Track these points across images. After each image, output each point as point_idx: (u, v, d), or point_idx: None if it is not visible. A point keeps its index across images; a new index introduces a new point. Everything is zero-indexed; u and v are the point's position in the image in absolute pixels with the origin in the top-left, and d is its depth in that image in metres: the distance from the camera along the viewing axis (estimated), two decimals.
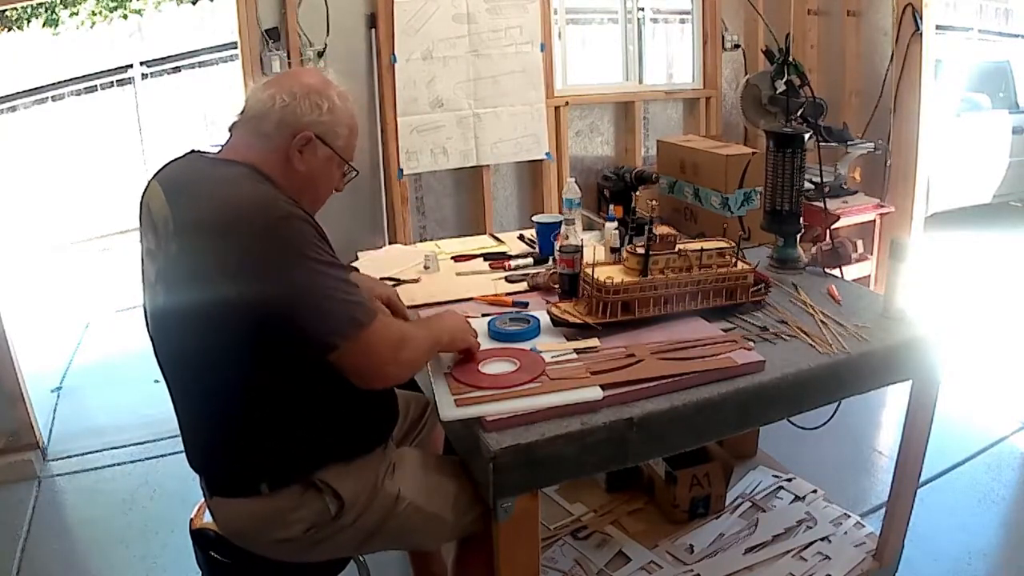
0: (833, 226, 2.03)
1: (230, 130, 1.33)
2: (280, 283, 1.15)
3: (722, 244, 1.69)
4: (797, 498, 2.16)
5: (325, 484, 1.29)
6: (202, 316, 1.17)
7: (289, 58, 3.04)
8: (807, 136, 1.89)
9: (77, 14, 8.27)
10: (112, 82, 7.09)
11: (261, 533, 1.30)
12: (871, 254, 3.59)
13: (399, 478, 1.37)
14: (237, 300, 1.14)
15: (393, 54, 3.18)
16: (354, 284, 1.22)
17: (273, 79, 1.33)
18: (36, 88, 6.93)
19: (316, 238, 1.19)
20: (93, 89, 7.06)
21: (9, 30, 7.93)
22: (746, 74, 3.86)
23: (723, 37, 3.97)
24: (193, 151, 1.35)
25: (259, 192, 1.19)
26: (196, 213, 1.19)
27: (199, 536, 1.43)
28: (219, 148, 1.33)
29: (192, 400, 1.31)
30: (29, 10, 7.88)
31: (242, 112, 1.31)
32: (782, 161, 1.89)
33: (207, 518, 1.43)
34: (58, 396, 3.35)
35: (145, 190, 1.29)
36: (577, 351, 1.47)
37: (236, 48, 3.20)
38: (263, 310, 1.15)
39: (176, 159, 1.32)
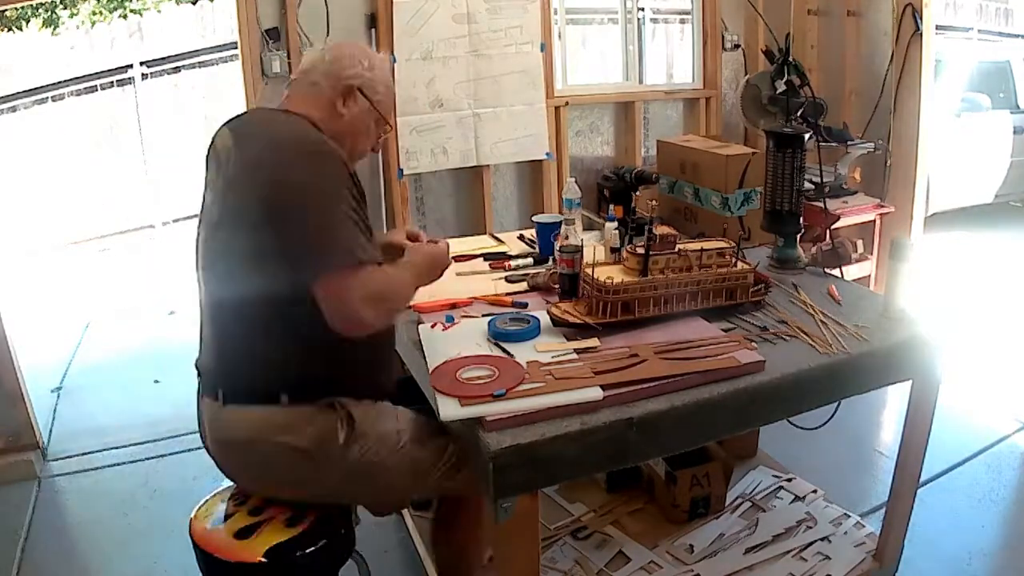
0: (833, 226, 2.03)
1: (287, 87, 1.52)
2: (296, 202, 1.28)
3: (722, 244, 1.69)
4: (797, 498, 2.16)
5: (343, 408, 1.38)
6: (247, 218, 1.31)
7: (289, 58, 3.04)
8: (807, 136, 1.89)
9: (77, 14, 8.26)
10: (112, 82, 7.08)
11: (268, 438, 1.35)
12: (871, 254, 3.59)
13: (402, 422, 1.46)
14: (274, 200, 1.28)
15: (393, 54, 3.18)
16: (363, 232, 1.31)
17: (325, 47, 1.55)
18: (36, 88, 6.92)
19: (347, 180, 1.32)
20: (93, 89, 7.04)
21: (9, 30, 7.93)
22: (746, 74, 3.86)
23: (723, 37, 3.97)
24: (258, 108, 1.60)
25: (310, 133, 1.38)
26: (253, 146, 1.37)
27: (199, 540, 1.42)
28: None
29: (228, 307, 1.40)
30: (29, 10, 7.87)
31: (297, 71, 1.51)
32: (782, 161, 1.89)
33: (207, 524, 1.43)
34: (58, 396, 3.35)
35: (215, 135, 1.46)
36: (577, 351, 1.47)
37: (236, 48, 3.20)
38: (277, 225, 1.27)
39: (243, 113, 1.54)
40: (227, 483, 1.52)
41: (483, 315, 1.67)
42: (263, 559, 1.35)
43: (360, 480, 1.42)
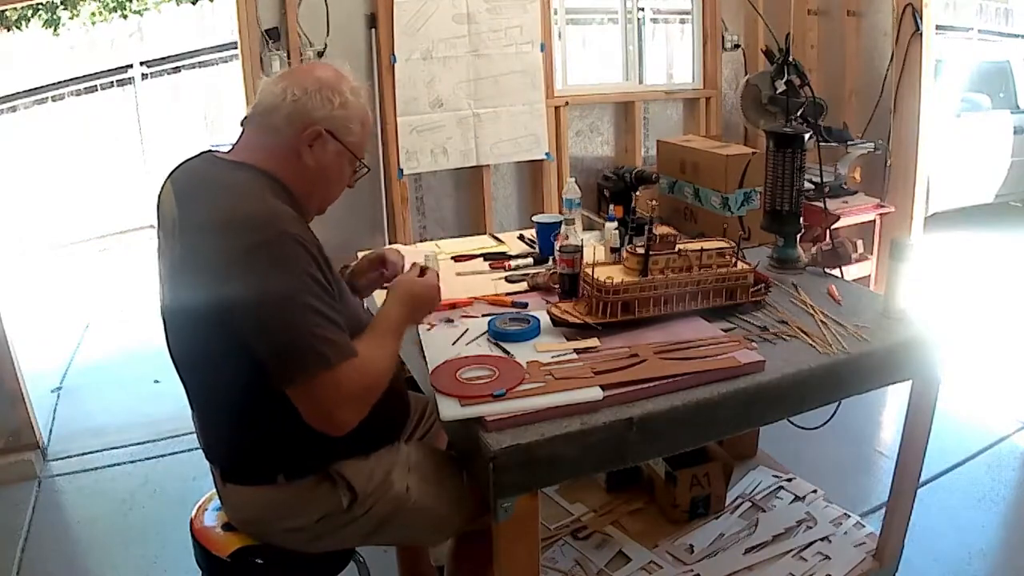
0: (833, 226, 2.02)
1: (242, 124, 1.33)
2: (254, 302, 1.14)
3: (722, 244, 1.69)
4: (797, 498, 2.16)
5: (340, 476, 1.31)
6: (202, 317, 1.19)
7: (289, 58, 3.04)
8: (807, 136, 1.89)
9: (78, 15, 8.26)
10: (112, 82, 7.10)
11: (273, 522, 1.31)
12: (871, 254, 3.59)
13: (409, 474, 1.39)
14: (227, 305, 1.15)
15: (393, 54, 3.18)
16: (336, 322, 1.17)
17: (286, 72, 1.32)
18: (36, 88, 6.93)
19: (309, 264, 1.16)
20: (93, 89, 7.06)
21: (9, 30, 7.93)
22: (746, 74, 3.86)
23: (723, 37, 3.97)
24: (208, 151, 1.36)
25: (262, 206, 1.18)
26: (199, 217, 1.20)
27: (199, 537, 1.42)
28: (232, 145, 1.33)
29: (206, 395, 1.33)
30: (29, 10, 7.87)
31: (254, 106, 1.31)
32: (782, 161, 1.89)
33: (207, 520, 1.43)
34: (58, 396, 3.35)
35: (161, 189, 1.31)
36: (577, 351, 1.47)
37: (236, 48, 3.20)
38: (240, 324, 1.15)
39: (191, 159, 1.33)
40: None
41: (483, 315, 1.67)
42: (263, 558, 1.34)
43: (374, 536, 1.38)
